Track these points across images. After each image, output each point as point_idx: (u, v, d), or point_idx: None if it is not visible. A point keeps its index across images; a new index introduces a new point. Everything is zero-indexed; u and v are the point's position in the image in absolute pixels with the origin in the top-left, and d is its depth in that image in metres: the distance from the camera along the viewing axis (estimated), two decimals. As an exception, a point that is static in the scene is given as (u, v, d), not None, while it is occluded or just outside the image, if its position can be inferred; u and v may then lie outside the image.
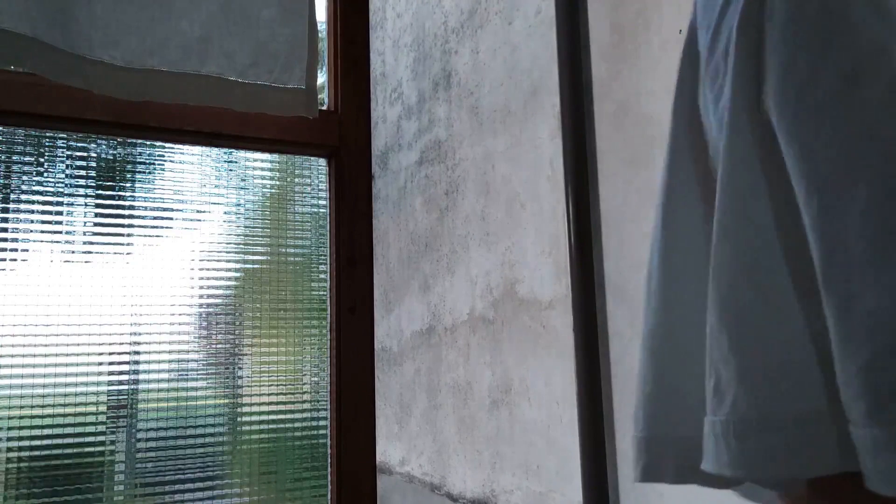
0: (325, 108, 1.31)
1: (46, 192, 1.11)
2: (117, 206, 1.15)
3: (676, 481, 0.41)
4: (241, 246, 1.24)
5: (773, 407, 0.31)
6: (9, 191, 1.08)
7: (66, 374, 1.07)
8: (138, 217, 1.16)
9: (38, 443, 1.05)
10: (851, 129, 0.28)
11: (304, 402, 1.24)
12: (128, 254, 1.14)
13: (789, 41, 0.29)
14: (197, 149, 1.22)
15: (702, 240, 0.37)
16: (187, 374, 1.16)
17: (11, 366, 1.04)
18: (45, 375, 1.06)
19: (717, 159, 0.34)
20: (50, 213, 1.10)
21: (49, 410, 1.06)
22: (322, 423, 1.24)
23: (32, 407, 1.05)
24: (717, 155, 0.35)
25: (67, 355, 1.07)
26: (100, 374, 1.10)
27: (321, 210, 1.30)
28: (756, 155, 0.31)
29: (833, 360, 0.29)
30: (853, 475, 0.30)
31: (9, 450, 1.04)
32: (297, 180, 1.31)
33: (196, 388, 1.17)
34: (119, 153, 1.18)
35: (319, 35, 1.20)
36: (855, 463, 0.29)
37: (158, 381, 1.14)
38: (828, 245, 0.28)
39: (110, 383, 1.10)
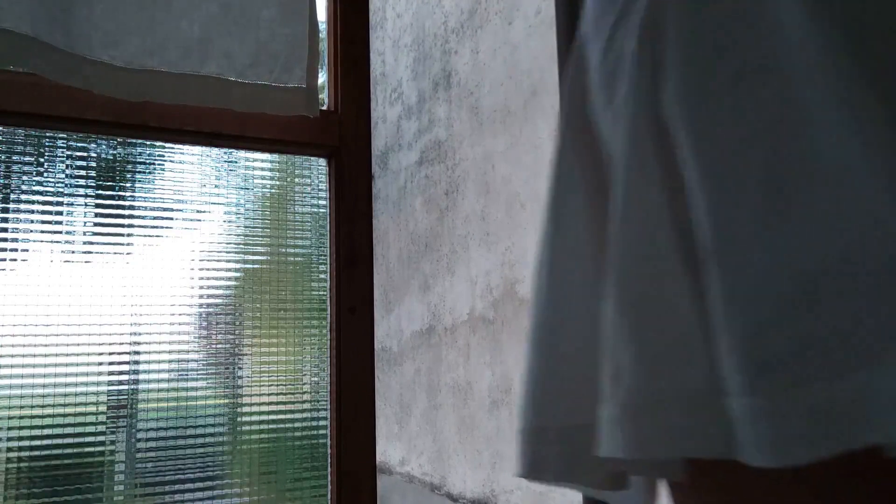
0: (325, 108, 1.31)
1: (46, 192, 1.11)
2: (117, 206, 1.15)
3: (559, 478, 0.41)
4: (241, 246, 1.24)
5: (664, 388, 0.32)
6: (9, 191, 1.08)
7: (66, 374, 1.07)
8: (138, 217, 1.16)
9: (38, 443, 1.05)
10: (742, 119, 0.31)
11: (304, 402, 1.24)
12: (128, 254, 1.14)
13: (687, 48, 0.33)
14: (197, 149, 1.22)
15: (590, 235, 0.40)
16: (187, 374, 1.16)
17: (11, 366, 1.04)
18: (45, 375, 1.06)
19: (611, 155, 0.37)
20: (50, 213, 1.10)
21: (49, 410, 1.06)
22: (322, 423, 1.24)
23: (32, 407, 1.05)
24: (611, 151, 0.37)
25: (67, 355, 1.07)
26: (100, 374, 1.10)
27: (321, 210, 1.30)
28: (652, 150, 0.34)
29: (710, 338, 0.31)
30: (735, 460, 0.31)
31: (9, 450, 1.04)
32: (297, 180, 1.31)
33: (196, 388, 1.17)
34: (119, 153, 1.18)
35: (319, 35, 1.20)
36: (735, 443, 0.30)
37: (158, 381, 1.14)
38: (717, 222, 0.30)
39: (110, 383, 1.10)
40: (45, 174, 1.11)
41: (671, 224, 0.33)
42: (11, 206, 1.08)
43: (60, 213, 1.11)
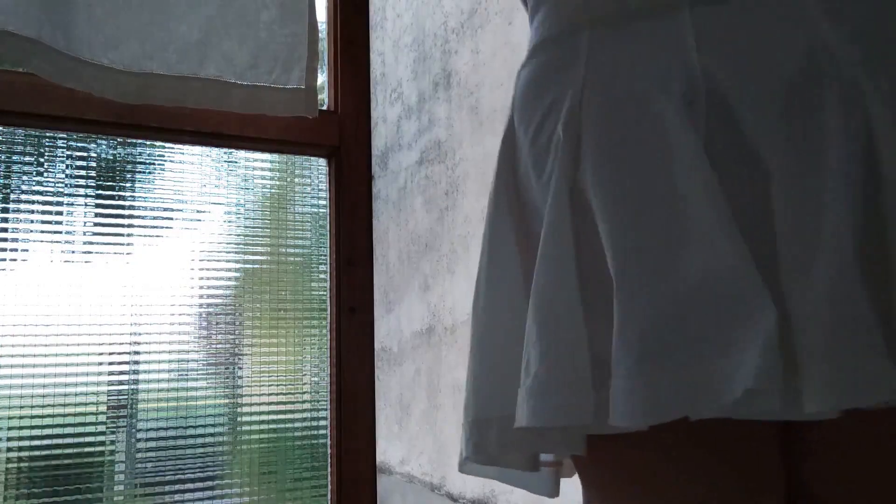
0: (325, 108, 1.32)
1: (46, 192, 1.11)
2: (117, 206, 1.15)
3: (493, 461, 0.52)
4: (241, 246, 1.24)
5: (557, 375, 0.45)
6: (9, 191, 1.08)
7: (66, 374, 1.07)
8: (138, 217, 1.16)
9: (38, 443, 1.05)
10: (636, 194, 0.44)
11: (304, 402, 1.24)
12: (128, 254, 1.14)
13: (599, 141, 0.47)
14: (197, 149, 1.22)
15: (518, 272, 0.52)
16: (187, 374, 1.16)
17: (11, 366, 1.04)
18: (45, 375, 1.06)
19: (537, 214, 0.51)
20: (50, 213, 1.10)
21: (49, 410, 1.06)
22: (322, 423, 1.24)
23: (32, 407, 1.05)
24: (536, 211, 0.51)
25: (67, 355, 1.07)
26: (100, 374, 1.10)
27: (321, 210, 1.30)
28: (568, 208, 0.47)
29: (593, 343, 0.45)
30: (618, 439, 0.47)
31: (9, 450, 1.04)
32: (297, 180, 1.31)
33: (196, 388, 1.17)
34: (119, 153, 1.18)
35: (319, 35, 1.20)
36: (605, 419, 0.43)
37: (158, 381, 1.14)
38: (620, 263, 0.43)
39: (110, 383, 1.10)
40: (45, 174, 1.11)
41: (575, 262, 0.46)
42: (11, 206, 1.08)
43: (60, 213, 1.11)
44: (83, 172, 1.14)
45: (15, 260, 1.07)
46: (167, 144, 1.20)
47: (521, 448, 0.50)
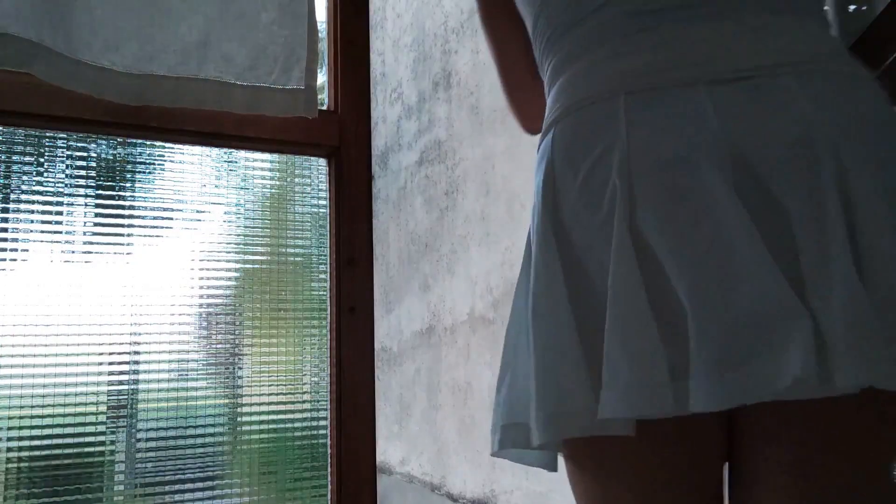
0: (325, 108, 1.32)
1: (46, 192, 1.11)
2: (117, 206, 1.15)
3: (511, 455, 0.68)
4: (241, 246, 1.24)
5: (641, 378, 0.55)
6: (9, 191, 1.08)
7: (66, 374, 1.07)
8: (138, 217, 1.16)
9: (38, 443, 1.05)
10: (693, 237, 0.56)
11: (304, 402, 1.24)
12: (128, 254, 1.14)
13: (657, 191, 0.58)
14: (197, 149, 1.22)
15: (564, 294, 0.61)
16: (187, 374, 1.16)
17: (11, 366, 1.04)
18: (45, 375, 1.06)
19: (588, 248, 0.60)
20: (50, 213, 1.10)
21: (49, 410, 1.06)
22: (322, 423, 1.24)
23: (32, 407, 1.05)
24: (588, 245, 0.60)
25: (67, 355, 1.07)
26: (100, 374, 1.10)
27: (321, 210, 1.31)
28: (631, 247, 0.57)
29: (669, 353, 0.55)
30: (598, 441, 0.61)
31: (9, 450, 1.04)
32: (297, 180, 1.31)
33: (196, 388, 1.17)
34: (119, 153, 1.18)
35: (319, 35, 1.20)
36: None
37: (158, 381, 1.14)
38: (691, 290, 0.55)
39: (110, 383, 1.10)
40: (45, 174, 1.11)
41: (644, 288, 0.57)
42: (11, 206, 1.08)
43: (60, 213, 1.11)
44: (83, 172, 1.14)
45: (15, 260, 1.07)
46: (167, 144, 1.20)
47: (527, 445, 0.63)
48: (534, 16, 0.73)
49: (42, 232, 1.10)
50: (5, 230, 1.07)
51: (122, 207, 1.15)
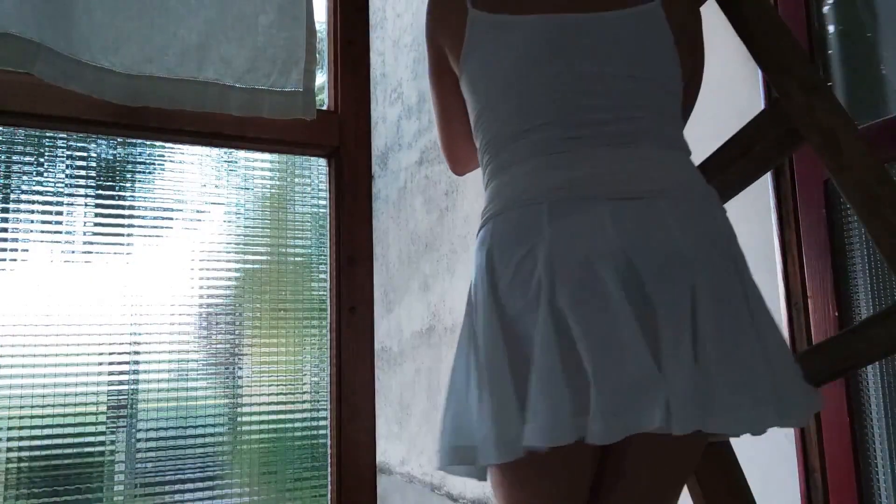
0: (324, 108, 1.32)
1: (46, 192, 1.11)
2: (117, 206, 1.15)
3: (453, 471, 0.84)
4: (241, 246, 1.24)
5: (553, 417, 0.74)
6: (9, 191, 1.08)
7: (66, 374, 1.07)
8: (138, 217, 1.16)
9: (38, 443, 1.05)
10: (595, 316, 0.76)
11: (304, 402, 1.24)
12: (128, 254, 1.14)
13: (572, 284, 0.77)
14: (197, 149, 1.22)
15: (503, 349, 0.79)
16: (187, 374, 1.16)
17: (11, 366, 1.04)
18: (45, 375, 1.06)
19: (520, 318, 0.79)
20: (50, 213, 1.10)
21: (49, 410, 1.06)
22: (322, 423, 1.24)
23: (32, 407, 1.05)
24: (520, 316, 0.79)
25: (67, 355, 1.07)
26: (100, 374, 1.10)
27: (321, 210, 1.31)
28: (551, 321, 0.76)
29: (574, 398, 0.74)
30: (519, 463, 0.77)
31: (9, 450, 1.04)
32: (297, 180, 1.31)
33: (196, 388, 1.17)
34: (119, 153, 1.18)
35: (319, 36, 1.20)
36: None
37: (158, 381, 1.14)
38: (592, 358, 0.74)
39: (110, 383, 1.10)
40: (45, 174, 1.11)
41: (558, 349, 0.75)
42: (11, 206, 1.08)
43: (60, 213, 1.11)
44: (83, 172, 1.14)
45: (15, 260, 1.07)
46: (167, 144, 1.20)
47: (469, 462, 0.81)
48: (477, 111, 0.91)
49: (42, 232, 1.10)
50: (5, 230, 1.07)
51: (122, 207, 1.15)
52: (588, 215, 0.79)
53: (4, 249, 1.07)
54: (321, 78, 1.31)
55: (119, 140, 1.18)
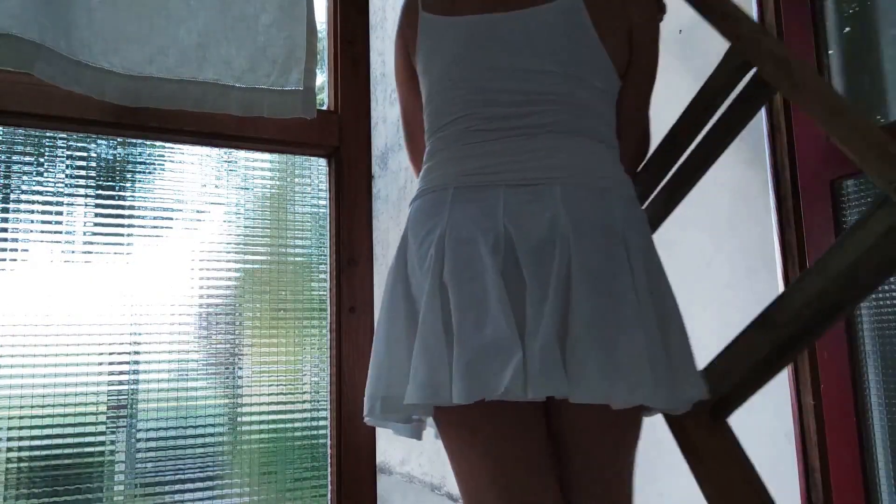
0: (325, 108, 1.32)
1: (46, 192, 1.11)
2: (117, 207, 1.15)
3: (384, 418, 0.92)
4: (241, 246, 1.24)
5: (431, 376, 0.82)
6: (9, 191, 1.08)
7: (66, 374, 1.07)
8: (138, 217, 1.16)
9: (38, 443, 1.05)
10: (470, 286, 0.83)
11: (304, 402, 1.24)
12: (128, 254, 1.14)
13: (455, 259, 0.85)
14: (197, 149, 1.22)
15: (403, 315, 0.89)
16: (187, 374, 1.16)
17: (11, 366, 1.04)
18: (45, 375, 1.06)
19: (419, 288, 0.87)
20: (50, 213, 1.10)
21: (49, 410, 1.06)
22: (322, 423, 1.24)
23: (32, 407, 1.05)
24: (419, 286, 0.87)
25: (67, 355, 1.07)
26: (100, 374, 1.10)
27: (321, 210, 1.31)
28: (438, 293, 0.84)
29: (448, 360, 0.81)
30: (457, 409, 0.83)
31: (9, 450, 1.04)
32: (297, 180, 1.31)
33: (196, 388, 1.17)
34: (119, 153, 1.18)
35: (319, 35, 1.20)
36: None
37: (158, 381, 1.14)
38: (461, 323, 0.82)
39: (110, 383, 1.10)
40: (45, 174, 1.11)
41: (441, 316, 0.83)
42: (11, 206, 1.08)
43: (60, 213, 1.11)
44: (83, 172, 1.14)
45: (15, 260, 1.07)
46: (167, 144, 1.20)
47: (398, 413, 0.88)
48: (424, 105, 0.99)
49: (42, 232, 1.10)
50: (5, 230, 1.07)
51: (122, 207, 1.15)
52: (483, 201, 0.86)
53: (4, 249, 1.07)
54: (321, 78, 1.31)
55: (119, 140, 1.18)
